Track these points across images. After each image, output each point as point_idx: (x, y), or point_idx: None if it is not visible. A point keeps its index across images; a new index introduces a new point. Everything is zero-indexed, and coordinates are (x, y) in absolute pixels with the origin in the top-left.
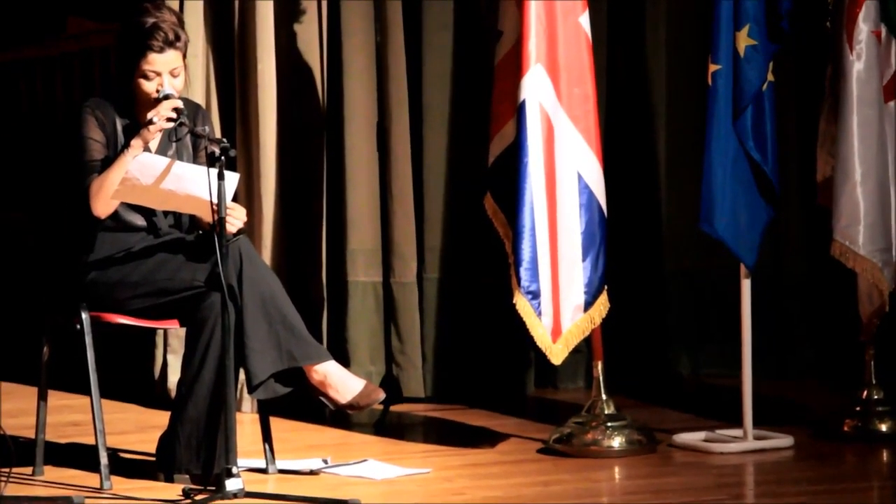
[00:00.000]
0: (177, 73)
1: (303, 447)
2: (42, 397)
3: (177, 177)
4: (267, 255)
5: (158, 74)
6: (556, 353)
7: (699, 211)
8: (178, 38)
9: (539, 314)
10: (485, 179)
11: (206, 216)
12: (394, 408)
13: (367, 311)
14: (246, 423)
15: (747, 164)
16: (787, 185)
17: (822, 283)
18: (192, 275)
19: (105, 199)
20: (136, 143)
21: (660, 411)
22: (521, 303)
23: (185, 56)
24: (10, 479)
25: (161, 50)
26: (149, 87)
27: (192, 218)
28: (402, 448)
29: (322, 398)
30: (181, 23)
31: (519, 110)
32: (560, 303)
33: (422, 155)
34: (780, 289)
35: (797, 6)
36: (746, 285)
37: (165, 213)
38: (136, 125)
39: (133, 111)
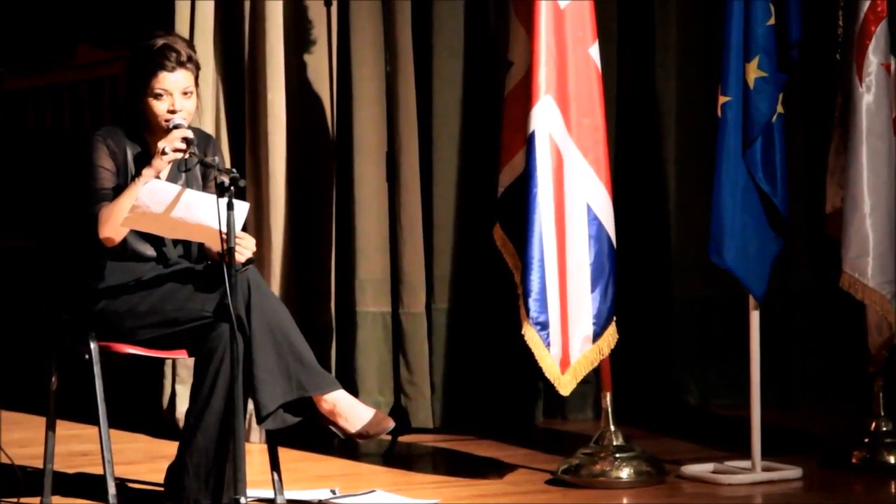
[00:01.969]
0: (188, 94)
1: (311, 477)
2: (50, 427)
3: (187, 205)
4: (276, 284)
5: (170, 94)
6: (565, 384)
7: (708, 241)
8: (189, 58)
9: (548, 345)
10: (494, 210)
11: (216, 245)
12: (402, 438)
13: (376, 342)
14: (254, 453)
15: (757, 195)
16: (795, 215)
17: (830, 312)
18: (200, 305)
19: (114, 226)
20: (148, 171)
21: (668, 441)
22: (530, 333)
23: (196, 80)
24: None
25: (172, 69)
26: (159, 108)
27: (202, 247)
28: (411, 478)
29: (331, 427)
30: (192, 47)
31: (528, 141)
32: (569, 334)
33: (431, 185)
34: (789, 317)
35: (807, 38)
36: (755, 317)
37: (175, 243)
38: (147, 152)
39: (144, 138)
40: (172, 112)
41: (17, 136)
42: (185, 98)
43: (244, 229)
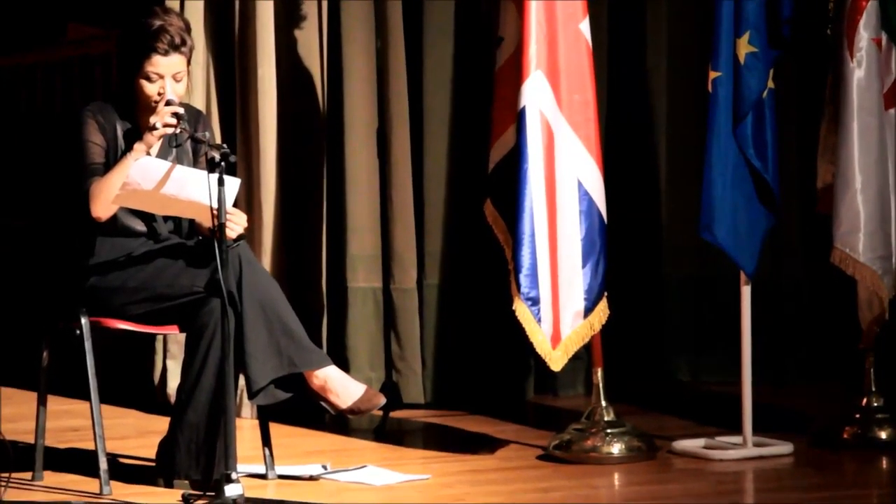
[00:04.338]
0: (179, 78)
1: (302, 453)
2: (42, 402)
3: (178, 181)
4: (267, 260)
5: (161, 77)
6: (556, 360)
7: (699, 218)
8: (184, 42)
9: (539, 321)
10: (485, 186)
11: (207, 221)
12: (393, 414)
13: (367, 318)
14: (245, 428)
15: (747, 171)
16: (787, 192)
17: (821, 289)
18: (191, 280)
19: (105, 201)
20: (139, 147)
21: (659, 418)
22: (521, 309)
23: (189, 62)
24: (10, 485)
25: (166, 53)
26: (150, 89)
27: (192, 223)
28: (402, 454)
29: (322, 403)
30: (188, 29)
31: (519, 117)
32: (560, 309)
33: (422, 161)
34: (780, 295)
35: (798, 13)
36: (746, 292)
37: (165, 219)
38: (137, 129)
39: (134, 115)
40: (162, 95)
41: (8, 115)
42: (177, 82)
43: (235, 205)
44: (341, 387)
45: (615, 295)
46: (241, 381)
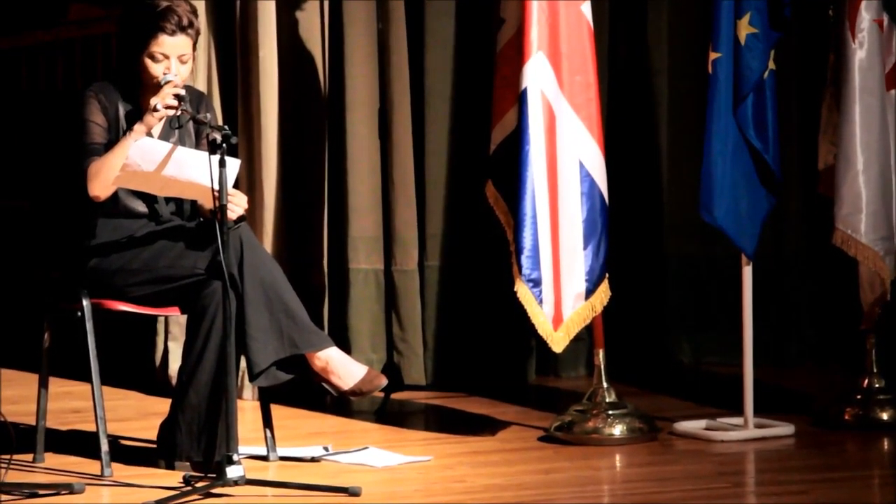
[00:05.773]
0: (185, 60)
1: (304, 434)
2: (43, 384)
3: (178, 163)
4: (268, 242)
5: (167, 58)
6: (557, 341)
7: (700, 199)
8: (191, 24)
9: (540, 302)
10: (486, 167)
11: (208, 203)
12: (395, 395)
13: (369, 299)
14: (247, 410)
15: (748, 152)
16: (788, 173)
17: (822, 271)
18: (193, 262)
19: (103, 181)
20: (139, 127)
21: (661, 399)
22: (523, 290)
23: (195, 45)
24: (11, 466)
25: (173, 33)
26: (155, 69)
27: (194, 205)
28: (403, 436)
29: (324, 384)
30: (194, 12)
31: (520, 98)
32: (561, 291)
33: (423, 142)
34: (781, 276)
35: None
36: (747, 273)
37: (167, 200)
38: (140, 110)
39: (137, 95)
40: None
41: (10, 95)
42: (182, 63)
43: (236, 186)
44: (343, 368)
45: (616, 276)
46: (243, 362)
